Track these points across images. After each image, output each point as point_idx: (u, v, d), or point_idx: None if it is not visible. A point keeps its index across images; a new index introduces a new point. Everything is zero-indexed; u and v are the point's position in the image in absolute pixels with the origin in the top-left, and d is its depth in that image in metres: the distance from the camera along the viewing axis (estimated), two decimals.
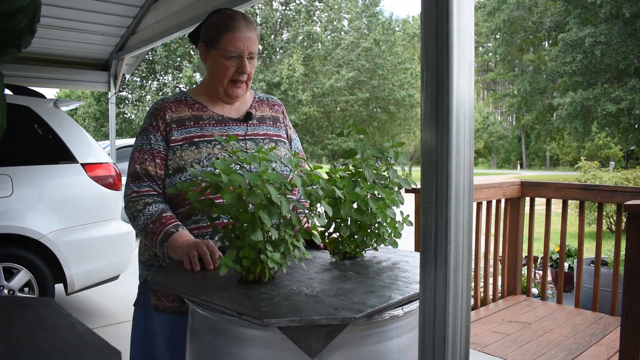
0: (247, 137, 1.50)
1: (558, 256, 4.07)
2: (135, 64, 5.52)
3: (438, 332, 0.68)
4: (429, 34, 0.67)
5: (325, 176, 1.17)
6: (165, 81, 22.07)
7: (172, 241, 1.28)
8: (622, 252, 2.62)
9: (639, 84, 19.63)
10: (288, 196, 1.04)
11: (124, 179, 2.23)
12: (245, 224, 1.00)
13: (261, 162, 1.01)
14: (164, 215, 1.35)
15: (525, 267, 3.72)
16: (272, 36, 21.43)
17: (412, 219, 1.31)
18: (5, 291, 3.26)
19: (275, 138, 1.57)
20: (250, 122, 1.54)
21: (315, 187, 1.09)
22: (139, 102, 22.58)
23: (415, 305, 0.96)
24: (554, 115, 26.73)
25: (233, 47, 1.44)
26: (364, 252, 1.26)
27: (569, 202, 3.60)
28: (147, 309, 1.47)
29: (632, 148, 26.56)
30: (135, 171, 1.43)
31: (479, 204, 3.19)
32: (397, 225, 1.21)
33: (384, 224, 1.20)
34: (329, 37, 22.06)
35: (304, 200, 1.23)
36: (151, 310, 1.45)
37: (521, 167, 45.38)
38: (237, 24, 1.45)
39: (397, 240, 1.24)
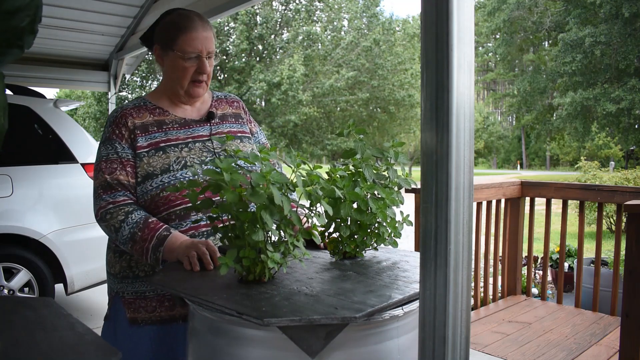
0: (212, 137, 1.49)
1: (558, 256, 4.07)
2: (135, 64, 5.52)
3: (438, 332, 0.68)
4: (429, 34, 0.67)
5: (325, 176, 1.17)
6: None
7: (169, 244, 1.26)
8: (622, 252, 2.62)
9: (639, 84, 19.63)
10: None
11: None
12: (245, 224, 1.00)
13: (264, 162, 1.01)
14: (150, 220, 1.32)
15: (525, 267, 3.72)
16: (272, 36, 21.42)
17: (412, 219, 1.31)
18: (5, 291, 3.26)
19: (239, 135, 1.55)
20: (213, 121, 1.53)
21: (315, 186, 1.09)
22: None
23: (415, 305, 0.96)
24: (554, 115, 26.74)
25: (191, 47, 1.41)
26: (364, 251, 1.26)
27: (569, 202, 3.60)
28: (118, 324, 1.42)
29: (632, 148, 26.56)
30: (105, 182, 1.37)
31: (479, 204, 3.19)
32: (397, 225, 1.21)
33: (384, 224, 1.20)
34: (328, 37, 22.07)
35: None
36: (123, 324, 1.40)
37: (521, 167, 45.38)
38: (194, 24, 1.42)
39: (397, 240, 1.24)
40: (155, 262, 1.30)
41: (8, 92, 3.55)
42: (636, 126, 22.05)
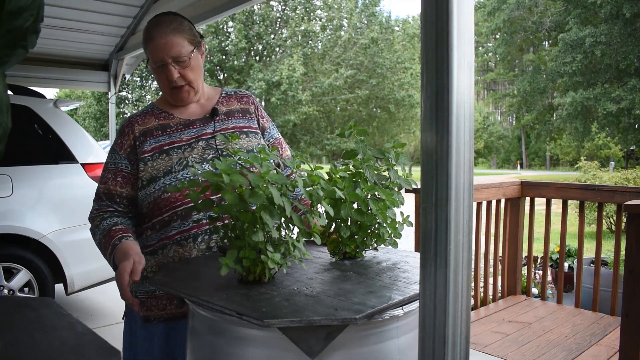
0: (215, 134, 1.49)
1: (558, 256, 4.07)
2: (135, 64, 5.52)
3: (438, 332, 0.68)
4: (429, 34, 0.67)
5: (326, 176, 1.17)
6: None
7: (117, 253, 1.29)
8: (622, 252, 2.62)
9: (639, 84, 19.65)
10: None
11: None
12: (245, 224, 1.00)
13: (263, 162, 1.01)
14: (113, 229, 1.36)
15: (525, 267, 3.72)
16: (271, 35, 21.42)
17: (412, 219, 1.31)
18: (5, 291, 3.26)
19: (245, 130, 1.54)
20: (217, 118, 1.52)
21: (315, 187, 1.09)
22: (139, 102, 22.59)
23: (415, 305, 0.96)
24: (554, 115, 26.76)
25: (154, 57, 1.43)
26: (364, 252, 1.26)
27: (569, 202, 3.60)
28: (133, 322, 1.47)
29: (632, 148, 26.56)
30: (97, 190, 1.47)
31: (479, 204, 3.19)
32: (397, 225, 1.21)
33: (384, 225, 1.20)
34: (327, 36, 22.07)
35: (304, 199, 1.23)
36: (138, 322, 1.45)
37: (521, 167, 45.37)
38: (152, 33, 1.42)
39: (397, 240, 1.24)
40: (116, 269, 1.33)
41: (8, 92, 3.55)
42: (636, 126, 22.07)
